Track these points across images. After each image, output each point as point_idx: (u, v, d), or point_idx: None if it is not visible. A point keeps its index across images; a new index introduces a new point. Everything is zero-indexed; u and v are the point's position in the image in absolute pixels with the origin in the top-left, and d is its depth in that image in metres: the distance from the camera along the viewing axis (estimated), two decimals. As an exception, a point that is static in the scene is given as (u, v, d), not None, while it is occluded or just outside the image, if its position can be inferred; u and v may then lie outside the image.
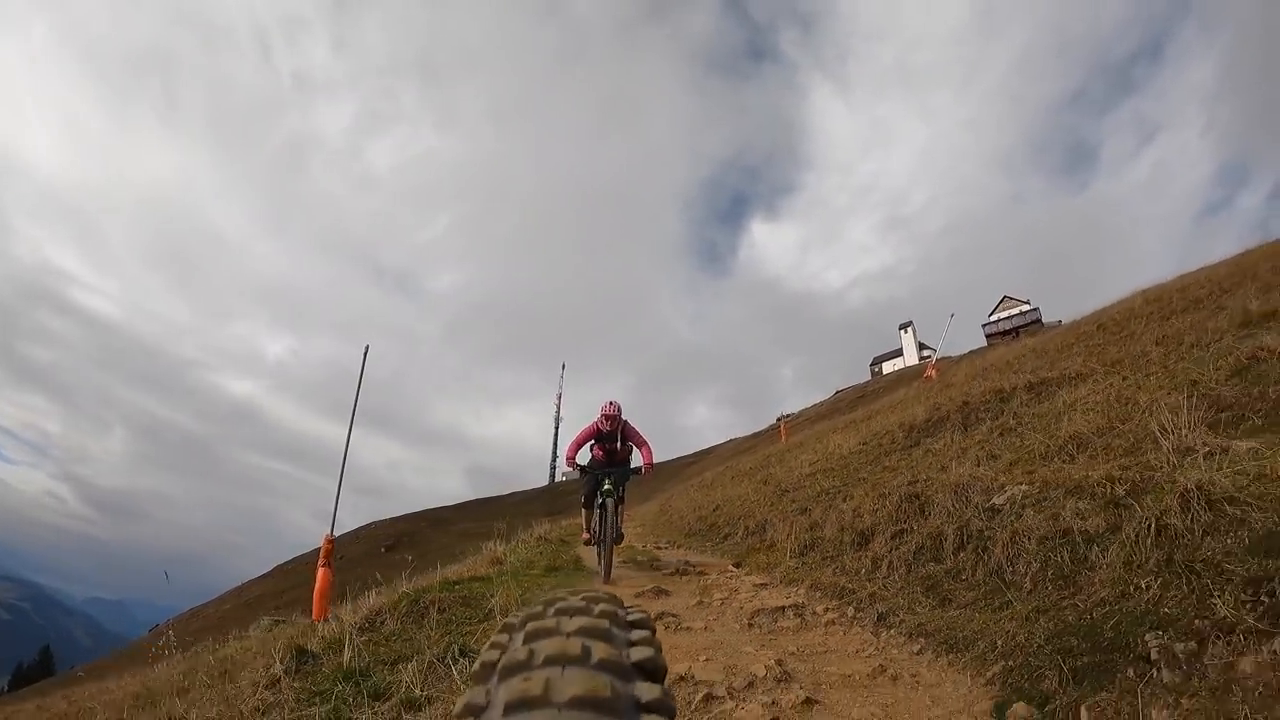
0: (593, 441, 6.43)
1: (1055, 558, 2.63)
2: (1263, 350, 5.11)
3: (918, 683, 2.28)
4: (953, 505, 3.80)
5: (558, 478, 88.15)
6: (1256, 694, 1.75)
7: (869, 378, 64.39)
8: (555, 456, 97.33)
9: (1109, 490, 3.01)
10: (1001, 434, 6.33)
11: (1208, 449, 3.05)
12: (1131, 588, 2.21)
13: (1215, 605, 1.97)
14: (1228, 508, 2.31)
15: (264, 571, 51.57)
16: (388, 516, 56.11)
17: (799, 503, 6.79)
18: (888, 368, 65.22)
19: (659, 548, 8.28)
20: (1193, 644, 1.92)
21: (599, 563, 5.82)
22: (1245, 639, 1.88)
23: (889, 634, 2.81)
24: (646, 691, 0.59)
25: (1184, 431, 3.23)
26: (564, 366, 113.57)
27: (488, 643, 0.59)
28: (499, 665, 0.60)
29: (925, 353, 43.01)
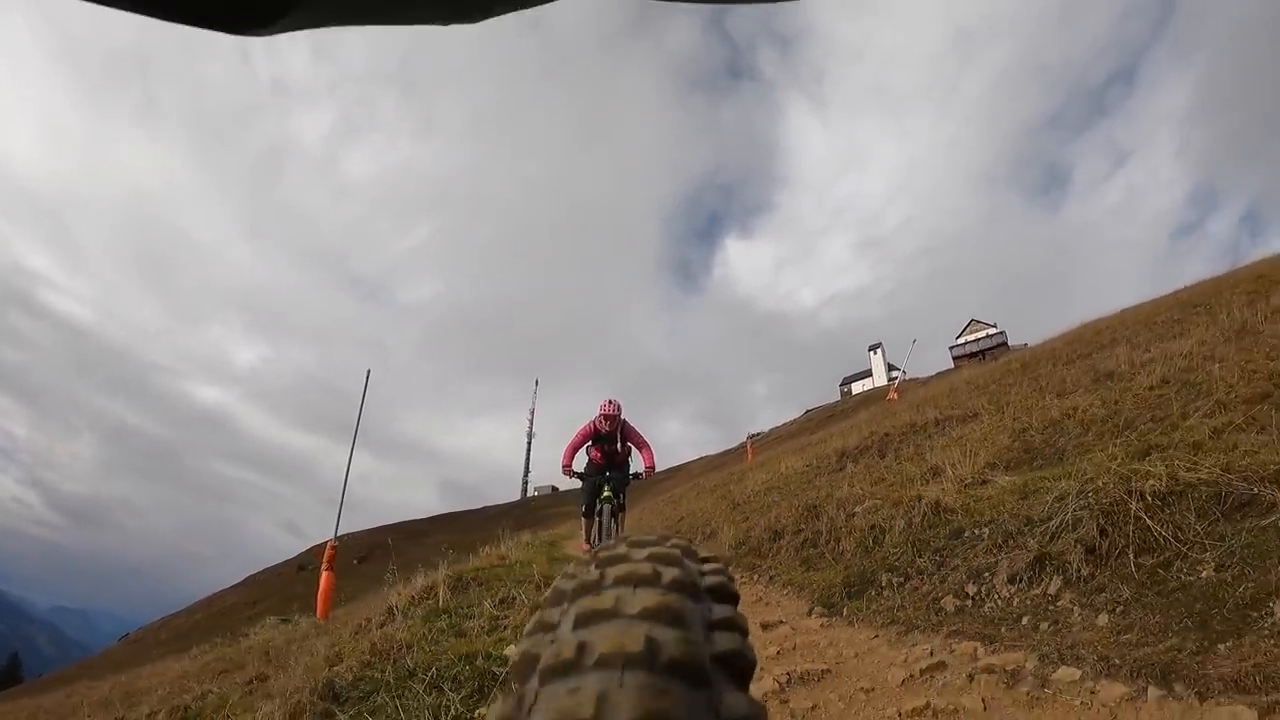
0: (589, 444, 6.15)
1: (865, 541, 4.55)
2: (1072, 410, 7.10)
3: (777, 605, 4.19)
4: (834, 513, 5.70)
5: (529, 493, 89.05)
6: (919, 600, 3.65)
7: (839, 398, 66.95)
8: (527, 472, 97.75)
9: (915, 504, 4.92)
10: (899, 461, 8.27)
11: (972, 480, 5.00)
12: (889, 554, 4.13)
13: (918, 560, 3.89)
14: (945, 515, 4.24)
15: (234, 582, 51.44)
16: (360, 529, 56.13)
17: (744, 513, 8.67)
18: (857, 388, 67.76)
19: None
20: (902, 578, 3.84)
21: None
22: (928, 576, 3.79)
23: (773, 586, 4.72)
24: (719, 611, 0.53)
25: (963, 468, 5.18)
26: (537, 383, 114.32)
27: (541, 606, 0.53)
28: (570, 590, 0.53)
29: (893, 374, 45.49)
